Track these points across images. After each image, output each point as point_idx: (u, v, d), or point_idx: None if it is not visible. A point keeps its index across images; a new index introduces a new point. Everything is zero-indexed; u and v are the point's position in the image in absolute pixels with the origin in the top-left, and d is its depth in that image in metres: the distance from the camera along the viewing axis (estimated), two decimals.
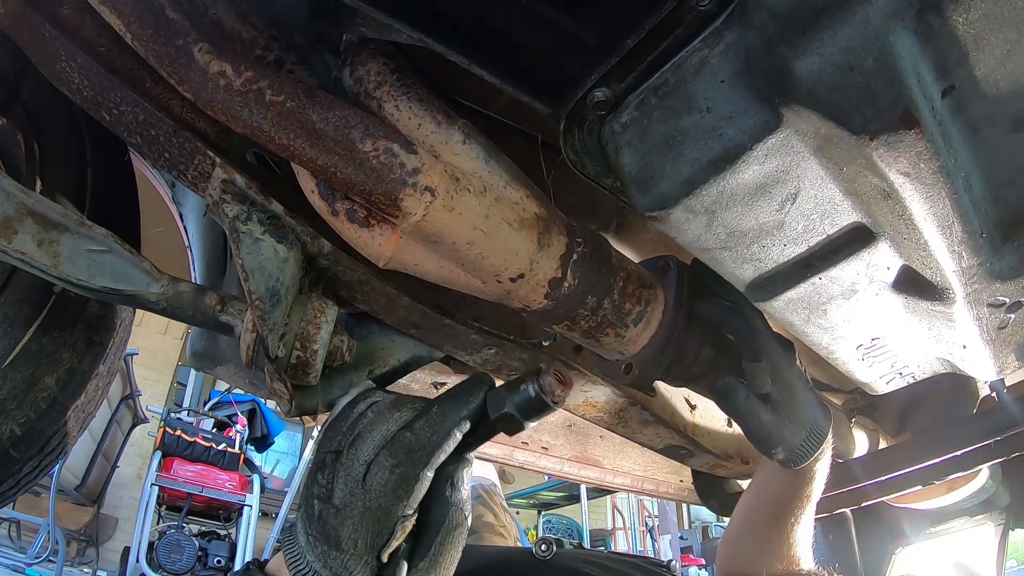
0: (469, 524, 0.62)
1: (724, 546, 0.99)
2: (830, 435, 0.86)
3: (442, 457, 0.59)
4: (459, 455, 0.61)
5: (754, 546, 0.92)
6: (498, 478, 2.06)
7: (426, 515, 0.60)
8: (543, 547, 0.88)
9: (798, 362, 0.86)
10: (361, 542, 0.55)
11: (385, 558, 0.57)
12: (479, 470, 1.99)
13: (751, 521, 0.95)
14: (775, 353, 0.81)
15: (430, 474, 0.59)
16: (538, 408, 0.63)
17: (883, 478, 1.27)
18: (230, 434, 5.78)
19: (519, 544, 1.81)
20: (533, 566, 0.89)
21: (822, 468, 0.89)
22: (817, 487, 0.90)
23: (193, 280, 1.09)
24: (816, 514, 1.59)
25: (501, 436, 1.60)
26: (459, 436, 0.60)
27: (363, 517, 0.56)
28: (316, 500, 0.58)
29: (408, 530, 0.58)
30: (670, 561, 1.14)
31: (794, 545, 0.89)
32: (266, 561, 0.64)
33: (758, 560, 0.89)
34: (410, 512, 0.58)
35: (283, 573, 0.59)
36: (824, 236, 0.69)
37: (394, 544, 0.57)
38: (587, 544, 8.18)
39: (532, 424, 0.64)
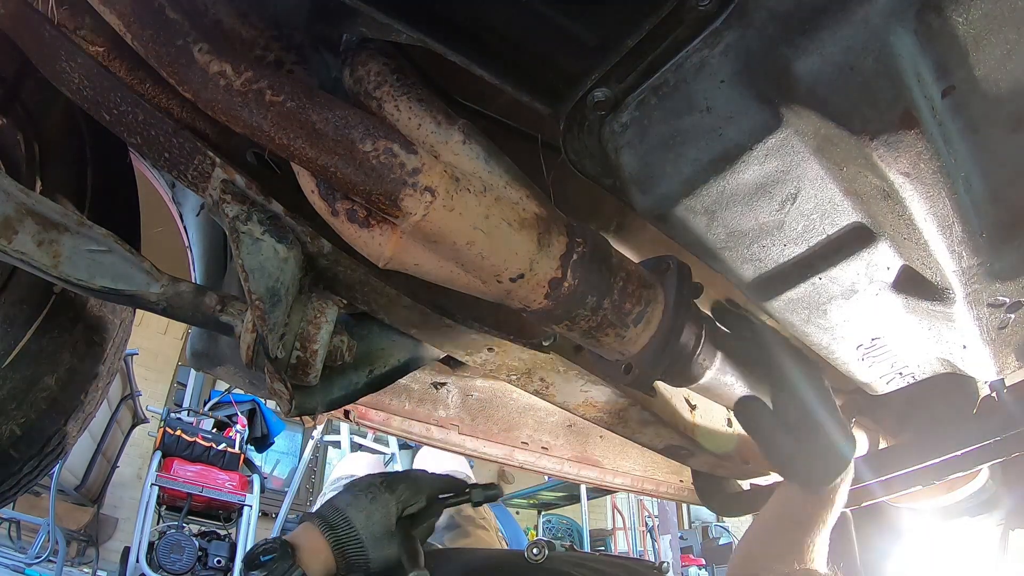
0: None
1: (736, 562, 0.98)
2: (852, 463, 0.86)
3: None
4: None
5: (768, 564, 0.91)
6: (470, 471, 2.08)
7: None
8: (535, 551, 0.89)
9: (825, 383, 0.86)
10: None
11: None
12: (452, 463, 2.01)
13: (766, 539, 0.94)
14: (798, 382, 0.84)
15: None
16: None
17: (883, 478, 1.27)
18: (230, 434, 5.77)
19: (500, 534, 1.82)
20: (525, 570, 0.90)
21: (842, 492, 0.89)
22: (835, 512, 0.90)
23: (193, 280, 1.09)
24: None
25: (500, 435, 1.59)
26: None
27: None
28: None
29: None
30: (662, 563, 1.14)
31: (809, 563, 0.88)
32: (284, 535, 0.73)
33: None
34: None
35: (310, 548, 0.73)
36: (824, 236, 0.69)
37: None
38: (587, 544, 8.17)
39: None
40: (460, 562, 0.79)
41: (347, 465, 2.17)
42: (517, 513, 8.71)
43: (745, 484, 1.55)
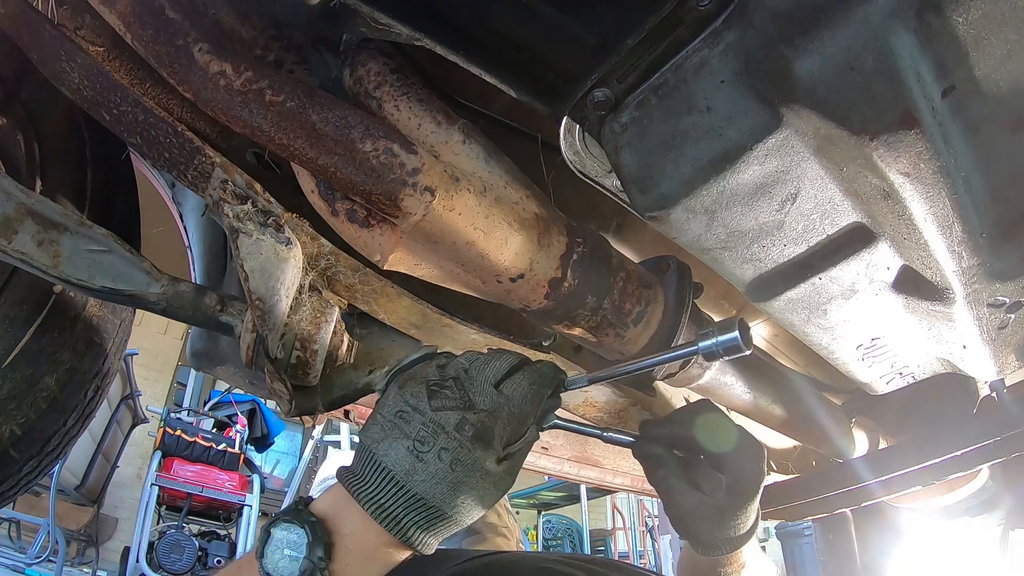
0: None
1: None
2: (754, 531, 0.81)
3: (550, 391, 0.69)
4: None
5: None
6: None
7: None
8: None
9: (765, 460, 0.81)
10: (503, 439, 0.64)
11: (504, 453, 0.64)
12: None
13: None
14: (740, 467, 0.77)
15: (547, 395, 0.68)
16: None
17: (883, 478, 1.27)
18: (230, 434, 5.77)
19: (521, 546, 1.80)
20: (520, 568, 0.88)
21: (749, 556, 0.83)
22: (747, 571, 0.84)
23: (193, 280, 1.09)
24: (816, 514, 1.59)
25: None
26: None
27: (509, 418, 0.64)
28: (453, 411, 0.62)
29: (531, 442, 0.67)
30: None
31: None
32: (311, 499, 0.65)
33: None
34: (533, 425, 0.67)
35: (341, 514, 0.61)
36: (824, 236, 0.69)
37: (519, 445, 0.66)
38: (587, 544, 8.18)
39: None
40: (454, 559, 0.78)
41: (338, 464, 2.12)
42: (517, 513, 8.71)
43: None
